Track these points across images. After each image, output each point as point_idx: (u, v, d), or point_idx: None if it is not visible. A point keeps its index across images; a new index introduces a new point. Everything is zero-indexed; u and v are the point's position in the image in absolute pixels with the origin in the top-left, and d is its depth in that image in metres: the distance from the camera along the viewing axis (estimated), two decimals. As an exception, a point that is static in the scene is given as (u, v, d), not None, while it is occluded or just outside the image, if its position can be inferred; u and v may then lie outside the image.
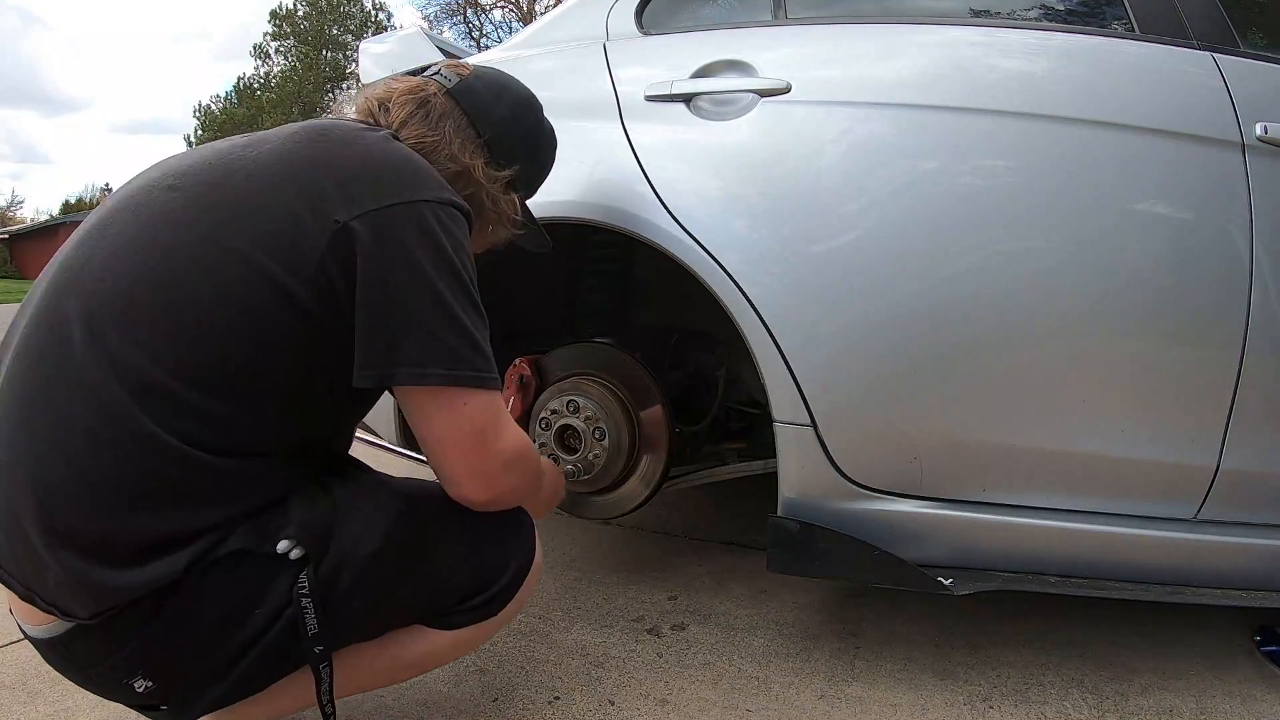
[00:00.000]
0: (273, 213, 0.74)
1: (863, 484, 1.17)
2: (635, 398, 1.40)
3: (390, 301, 0.75)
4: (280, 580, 0.75)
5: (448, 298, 0.77)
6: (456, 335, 0.77)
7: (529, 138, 1.00)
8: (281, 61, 30.29)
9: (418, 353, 0.75)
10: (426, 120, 0.89)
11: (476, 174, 0.90)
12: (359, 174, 0.78)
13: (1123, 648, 1.32)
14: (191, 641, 0.74)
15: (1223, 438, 1.12)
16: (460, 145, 0.90)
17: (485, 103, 0.94)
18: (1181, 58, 1.14)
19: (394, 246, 0.75)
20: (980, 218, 1.12)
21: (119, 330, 0.70)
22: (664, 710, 1.12)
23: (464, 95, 0.92)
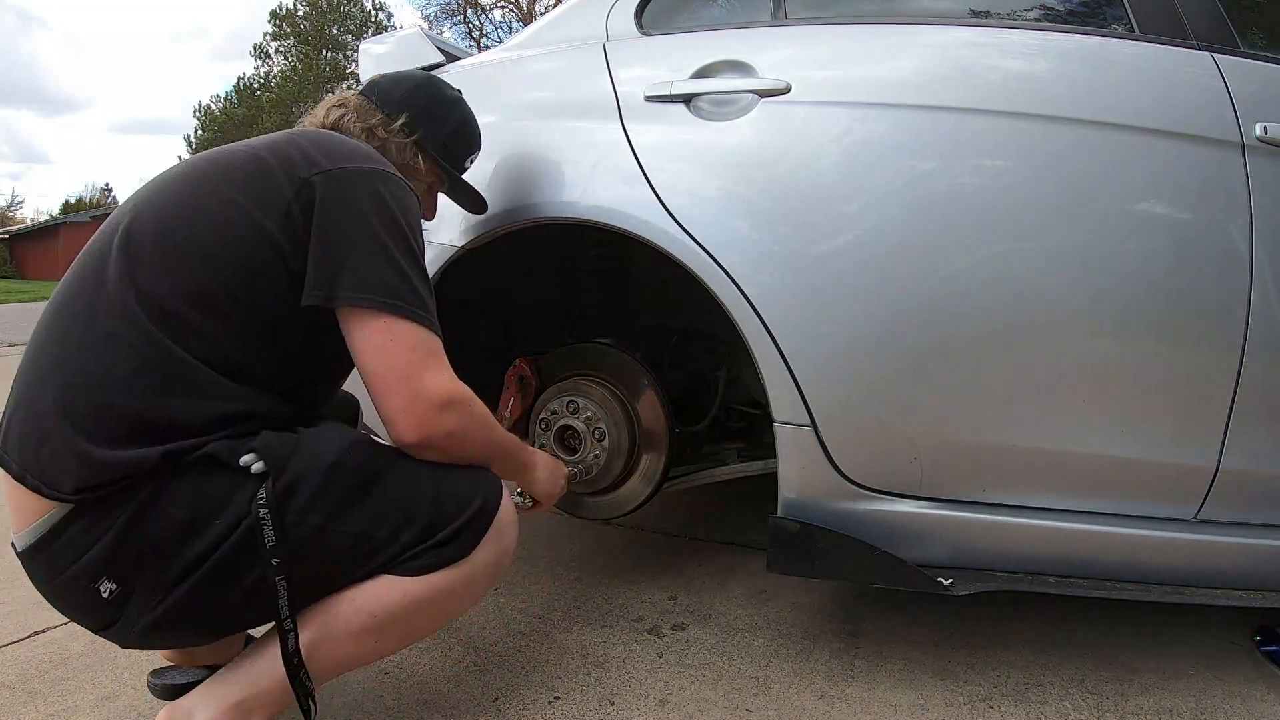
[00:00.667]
0: (254, 170, 0.91)
1: (863, 484, 1.17)
2: (635, 398, 1.40)
3: (340, 238, 0.88)
4: (242, 492, 0.82)
5: (389, 244, 0.89)
6: (395, 274, 0.88)
7: (428, 105, 1.14)
8: (281, 61, 30.28)
9: (357, 278, 0.87)
10: (343, 109, 1.10)
11: (379, 131, 1.09)
12: (322, 148, 0.94)
13: (1123, 648, 1.32)
14: (157, 540, 0.81)
15: (1223, 438, 1.12)
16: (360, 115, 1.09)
17: (384, 88, 1.14)
18: (1181, 58, 1.14)
19: (346, 197, 0.90)
20: (980, 218, 1.12)
21: (143, 258, 0.86)
22: (664, 710, 1.12)
23: (369, 88, 1.15)
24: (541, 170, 1.29)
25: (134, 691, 1.16)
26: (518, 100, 1.41)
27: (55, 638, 1.33)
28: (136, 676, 1.20)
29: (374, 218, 0.89)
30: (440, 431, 0.90)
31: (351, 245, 0.88)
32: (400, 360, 0.87)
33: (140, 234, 0.88)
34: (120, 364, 0.82)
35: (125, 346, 0.82)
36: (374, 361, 0.87)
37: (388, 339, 0.87)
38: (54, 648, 1.30)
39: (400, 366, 0.87)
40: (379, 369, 0.87)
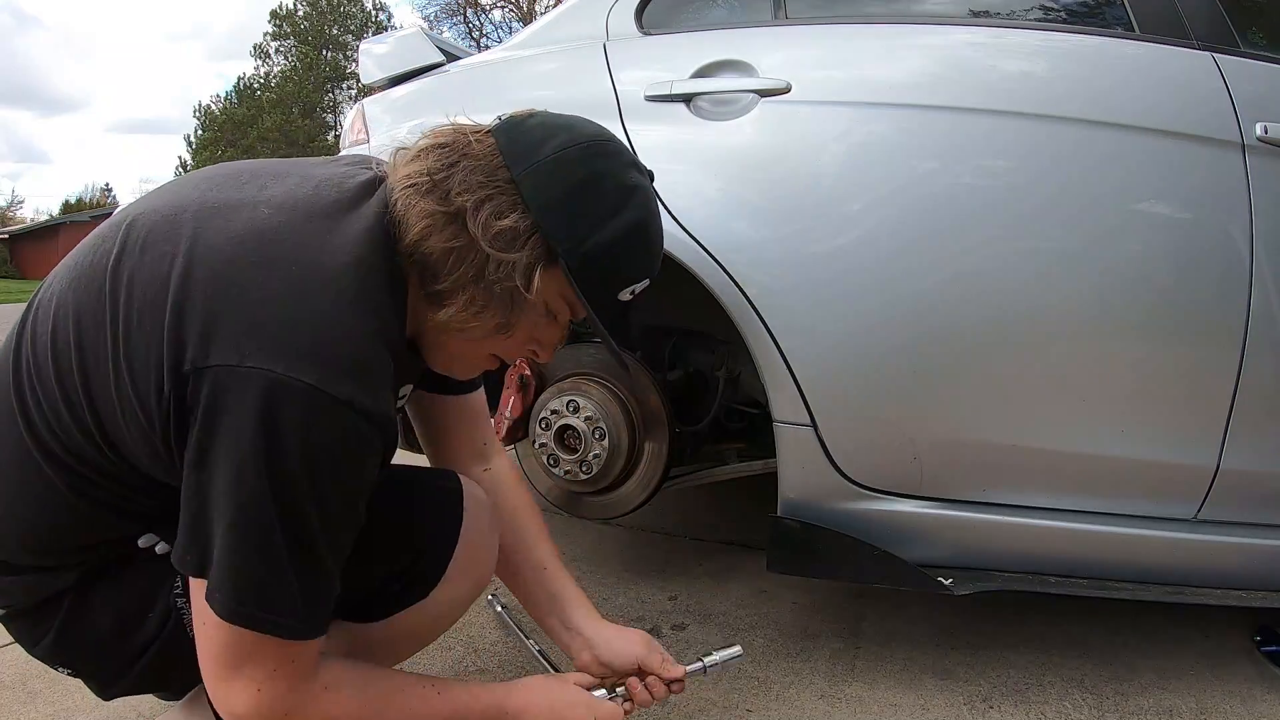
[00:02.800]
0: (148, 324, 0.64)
1: (863, 484, 1.17)
2: (635, 398, 1.40)
3: (213, 502, 0.62)
4: (166, 582, 0.76)
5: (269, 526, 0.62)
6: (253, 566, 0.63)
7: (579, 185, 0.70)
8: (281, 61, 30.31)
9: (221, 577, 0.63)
10: (442, 155, 0.69)
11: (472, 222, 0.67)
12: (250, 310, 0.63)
13: (1123, 648, 1.32)
14: (91, 644, 0.77)
15: (1223, 438, 1.12)
16: (465, 185, 0.67)
17: (532, 139, 0.70)
18: (1181, 58, 1.14)
19: (227, 428, 0.61)
20: (980, 218, 1.12)
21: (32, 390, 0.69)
22: (664, 710, 1.12)
23: (507, 129, 0.71)
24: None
25: (134, 691, 1.16)
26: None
27: (55, 637, 1.33)
28: (136, 676, 1.20)
29: (253, 479, 0.61)
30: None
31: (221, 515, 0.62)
32: (207, 654, 0.66)
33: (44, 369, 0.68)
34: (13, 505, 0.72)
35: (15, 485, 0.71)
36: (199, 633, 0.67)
37: (200, 623, 0.66)
38: (54, 647, 1.30)
39: (206, 662, 0.67)
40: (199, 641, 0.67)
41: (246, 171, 0.75)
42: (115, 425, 0.67)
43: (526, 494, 1.02)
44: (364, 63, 1.60)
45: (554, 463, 1.40)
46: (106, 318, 0.66)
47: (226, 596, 0.63)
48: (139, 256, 0.66)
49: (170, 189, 0.75)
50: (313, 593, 0.66)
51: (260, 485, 0.61)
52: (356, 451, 0.65)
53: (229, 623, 0.64)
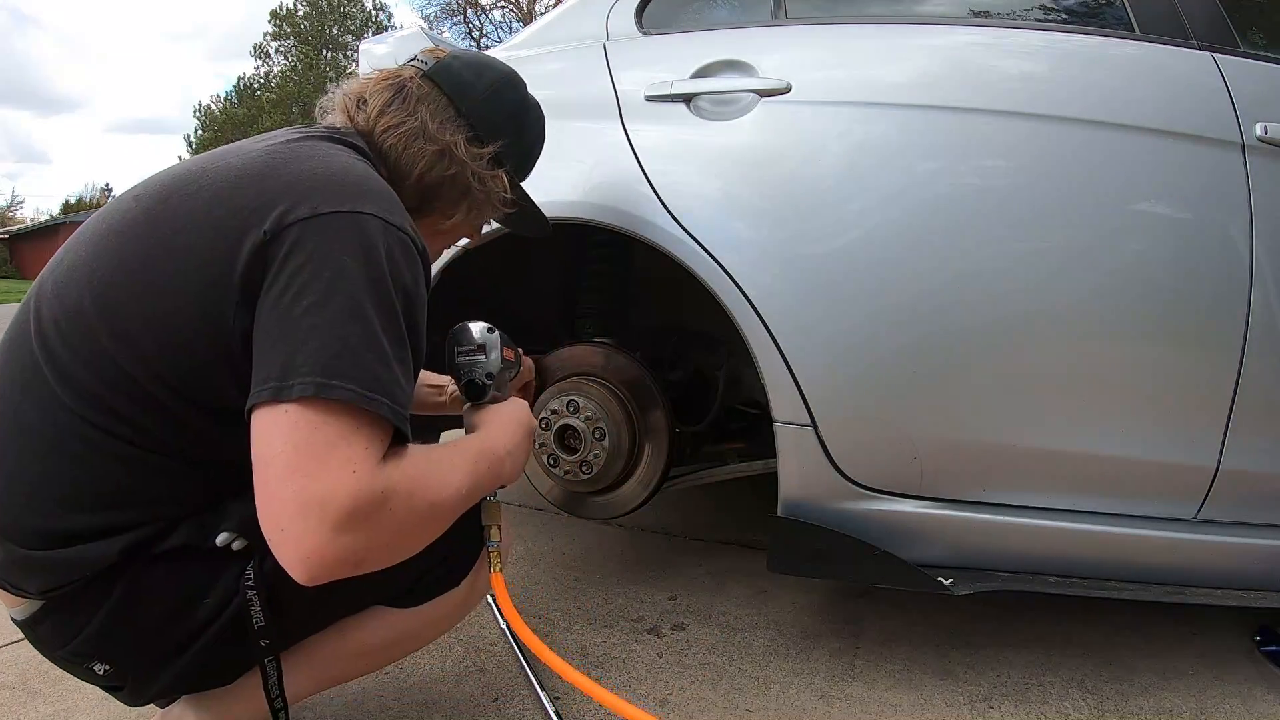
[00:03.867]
0: (208, 230, 0.71)
1: (863, 484, 1.17)
2: (635, 398, 1.40)
3: (304, 309, 0.66)
4: (228, 572, 0.76)
5: (368, 316, 0.67)
6: (349, 349, 0.66)
7: (512, 114, 0.96)
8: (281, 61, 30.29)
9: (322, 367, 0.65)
10: (404, 106, 0.87)
11: (459, 152, 0.87)
12: (304, 183, 0.72)
13: (1123, 648, 1.32)
14: (141, 631, 0.76)
15: (1223, 438, 1.12)
16: (439, 125, 0.87)
17: (464, 80, 0.91)
18: (1181, 58, 1.14)
19: (317, 254, 0.67)
20: (980, 218, 1.12)
21: (65, 341, 0.72)
22: (664, 710, 1.12)
23: (441, 75, 0.90)
24: (542, 170, 1.29)
25: (134, 691, 1.16)
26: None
27: (55, 637, 1.33)
28: (136, 676, 1.20)
29: (352, 281, 0.67)
30: (339, 562, 0.64)
31: (313, 326, 0.66)
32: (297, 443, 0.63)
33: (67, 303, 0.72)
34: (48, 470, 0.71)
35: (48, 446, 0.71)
36: (257, 449, 0.65)
37: (281, 414, 0.64)
38: (54, 647, 1.30)
39: (292, 452, 0.63)
40: (258, 456, 0.65)
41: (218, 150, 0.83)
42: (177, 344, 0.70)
43: None
44: (364, 63, 1.59)
45: (554, 463, 1.40)
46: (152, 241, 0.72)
47: (319, 377, 0.64)
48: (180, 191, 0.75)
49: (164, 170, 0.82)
50: (402, 381, 0.70)
51: (355, 284, 0.67)
52: (418, 270, 0.76)
53: (326, 400, 0.64)
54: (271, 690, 0.81)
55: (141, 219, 0.74)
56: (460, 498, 0.76)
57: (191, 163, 0.80)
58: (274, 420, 0.64)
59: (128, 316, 0.70)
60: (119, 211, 0.77)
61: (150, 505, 0.74)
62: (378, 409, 0.66)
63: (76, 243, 0.78)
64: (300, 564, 0.63)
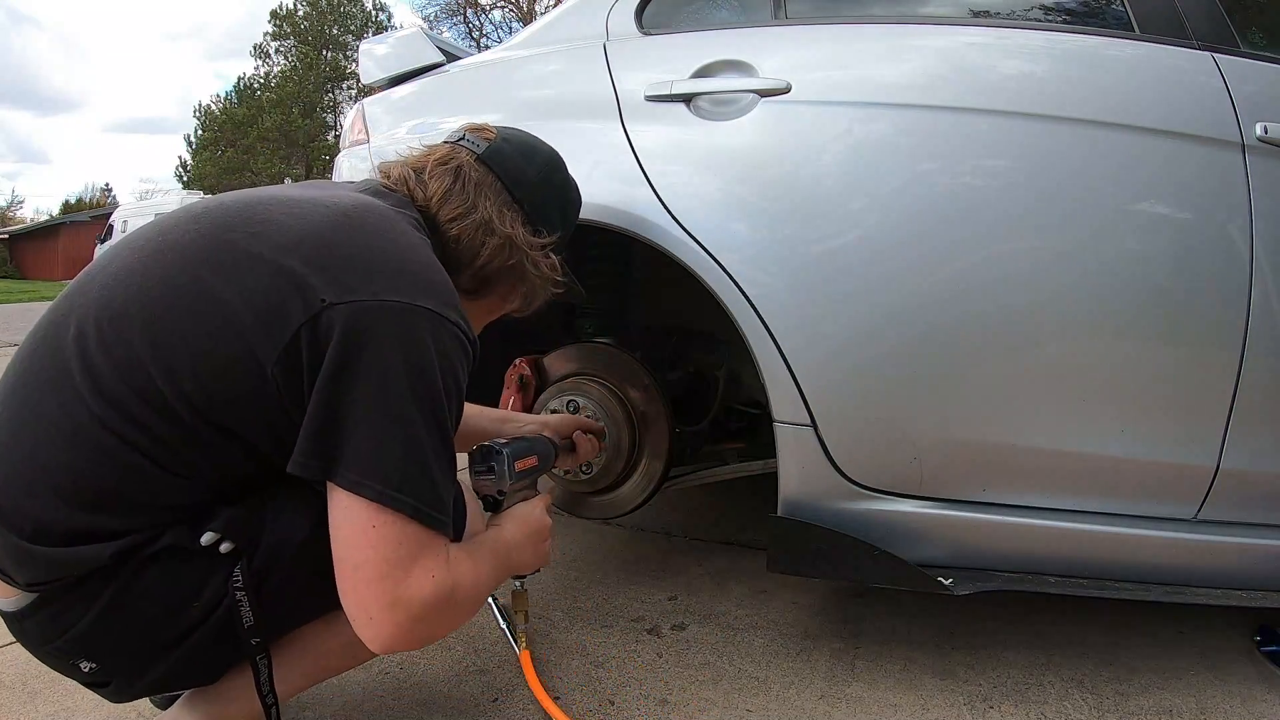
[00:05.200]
0: (267, 274, 0.74)
1: (863, 484, 1.17)
2: (635, 398, 1.40)
3: (350, 404, 0.72)
4: (216, 574, 0.77)
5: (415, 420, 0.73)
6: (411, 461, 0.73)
7: (561, 199, 1.01)
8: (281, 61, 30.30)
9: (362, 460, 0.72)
10: (463, 192, 0.90)
11: (518, 241, 0.91)
12: (367, 263, 0.76)
13: (1123, 648, 1.32)
14: (130, 632, 0.77)
15: (1223, 438, 1.12)
16: (499, 214, 0.91)
17: (517, 166, 0.95)
18: (1181, 58, 1.14)
19: (373, 351, 0.72)
20: (980, 218, 1.12)
21: (102, 342, 0.73)
22: (664, 710, 1.12)
23: (495, 160, 0.93)
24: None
25: (134, 691, 1.16)
26: (518, 100, 1.41)
27: (55, 637, 1.33)
28: (136, 676, 1.20)
29: (404, 383, 0.72)
30: (416, 640, 0.77)
31: (365, 417, 0.72)
32: (381, 554, 0.72)
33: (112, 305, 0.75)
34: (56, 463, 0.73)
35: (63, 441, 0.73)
36: (350, 545, 0.73)
37: (369, 528, 0.72)
38: (54, 647, 1.30)
39: (379, 561, 0.72)
40: (352, 557, 0.73)
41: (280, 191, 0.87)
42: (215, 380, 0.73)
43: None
44: (364, 63, 1.60)
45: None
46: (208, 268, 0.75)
47: (402, 495, 0.72)
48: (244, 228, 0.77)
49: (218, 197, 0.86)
50: (447, 491, 0.77)
51: (409, 388, 0.73)
52: (464, 362, 0.79)
53: (408, 518, 0.73)
54: (263, 687, 0.82)
55: (202, 243, 0.77)
56: (492, 583, 0.89)
57: (258, 195, 0.83)
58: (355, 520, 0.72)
59: (170, 331, 0.73)
60: (179, 228, 0.79)
61: (149, 513, 0.75)
62: (439, 528, 0.76)
63: (129, 249, 0.80)
64: (381, 645, 0.75)
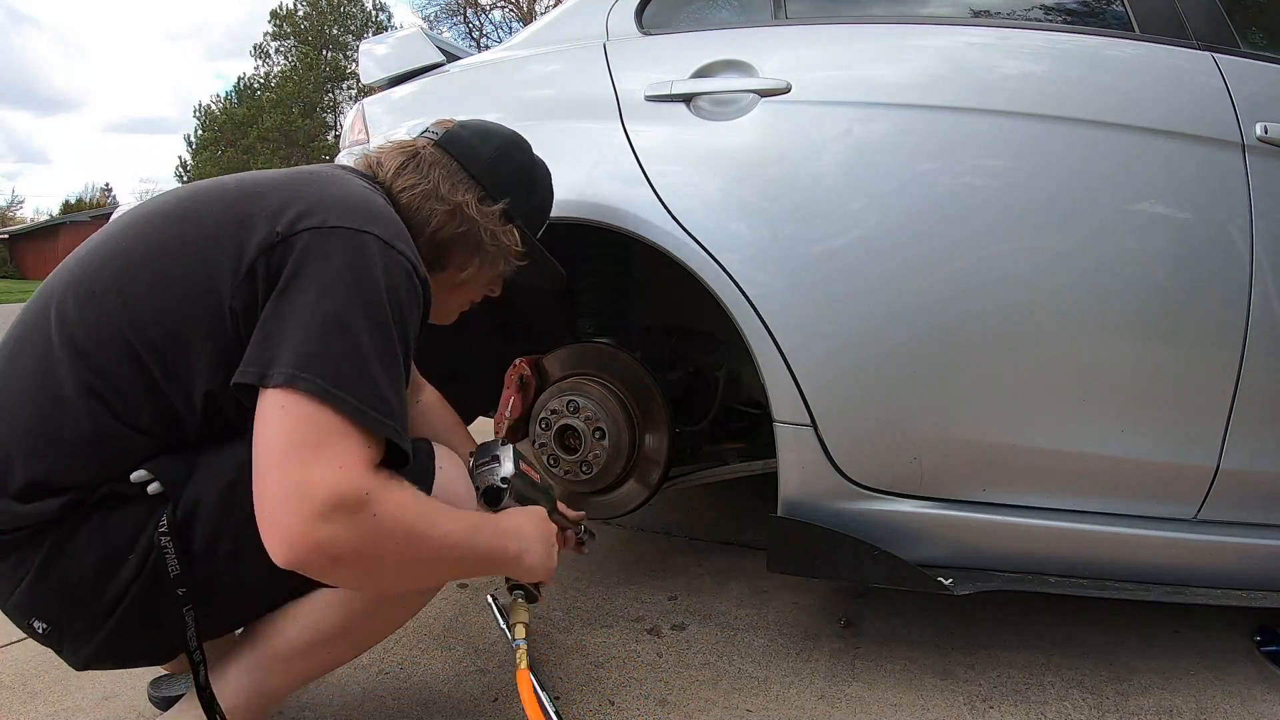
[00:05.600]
0: (230, 220, 0.79)
1: (863, 484, 1.17)
2: (635, 398, 1.40)
3: (294, 310, 0.73)
4: (149, 524, 0.77)
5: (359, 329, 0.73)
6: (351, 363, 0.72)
7: (519, 172, 1.03)
8: (281, 61, 30.30)
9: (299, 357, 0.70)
10: (418, 169, 0.95)
11: (469, 210, 0.95)
12: (322, 201, 0.80)
13: (1123, 648, 1.32)
14: (72, 584, 0.77)
15: (1223, 438, 1.12)
16: (450, 186, 0.95)
17: (471, 145, 0.99)
18: (1181, 58, 1.14)
19: (321, 264, 0.75)
20: (980, 217, 1.12)
21: (78, 301, 0.78)
22: (664, 710, 1.12)
23: (451, 142, 0.98)
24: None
25: (134, 692, 1.16)
26: (518, 100, 1.41)
27: (55, 637, 1.33)
28: (136, 677, 1.20)
29: (348, 290, 0.74)
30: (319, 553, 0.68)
31: (306, 321, 0.72)
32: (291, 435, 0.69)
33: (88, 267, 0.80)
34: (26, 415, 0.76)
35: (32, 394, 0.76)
36: (261, 431, 0.70)
37: (288, 410, 0.69)
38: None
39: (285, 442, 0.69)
40: (259, 442, 0.70)
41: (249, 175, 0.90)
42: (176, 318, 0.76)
43: (453, 414, 1.24)
44: (364, 63, 1.60)
45: (554, 463, 1.40)
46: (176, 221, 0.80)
47: (318, 378, 0.70)
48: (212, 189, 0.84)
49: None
50: (391, 395, 0.74)
51: (349, 294, 0.74)
52: (413, 295, 0.81)
53: (320, 401, 0.69)
54: (190, 642, 0.79)
55: (172, 205, 0.83)
56: (446, 547, 0.80)
57: (230, 175, 0.89)
58: (274, 408, 0.70)
59: (138, 281, 0.77)
60: (153, 202, 0.86)
61: (103, 469, 0.77)
62: (364, 421, 0.71)
63: (109, 226, 0.86)
64: (280, 544, 0.68)
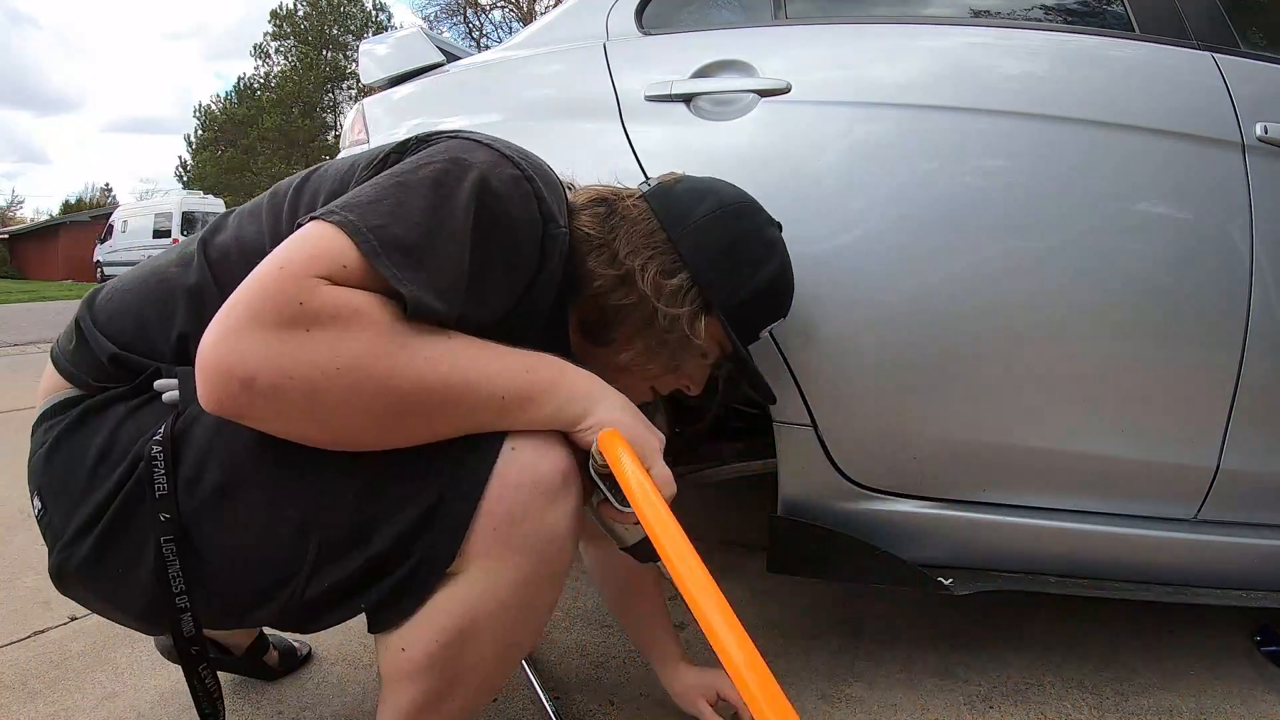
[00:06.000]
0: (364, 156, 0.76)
1: (863, 484, 1.17)
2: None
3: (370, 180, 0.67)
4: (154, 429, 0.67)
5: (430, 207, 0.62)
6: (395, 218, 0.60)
7: (730, 246, 0.81)
8: (281, 61, 30.30)
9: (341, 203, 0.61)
10: (604, 216, 0.79)
11: (641, 281, 0.77)
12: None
13: (1123, 648, 1.32)
14: (71, 464, 0.69)
15: (1223, 438, 1.12)
16: (631, 249, 0.77)
17: (681, 204, 0.81)
18: (1181, 58, 1.14)
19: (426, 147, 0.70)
20: (980, 217, 1.12)
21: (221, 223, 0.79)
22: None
23: (658, 194, 0.82)
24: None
25: (134, 691, 1.16)
26: (517, 100, 1.41)
27: (55, 638, 1.33)
28: (136, 677, 1.20)
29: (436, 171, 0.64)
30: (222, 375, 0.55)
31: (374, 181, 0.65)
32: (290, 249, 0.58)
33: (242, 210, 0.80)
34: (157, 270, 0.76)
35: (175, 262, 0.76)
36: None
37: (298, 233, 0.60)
38: (54, 648, 1.30)
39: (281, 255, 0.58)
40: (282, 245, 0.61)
41: None
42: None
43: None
44: (364, 63, 1.60)
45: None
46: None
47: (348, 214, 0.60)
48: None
49: None
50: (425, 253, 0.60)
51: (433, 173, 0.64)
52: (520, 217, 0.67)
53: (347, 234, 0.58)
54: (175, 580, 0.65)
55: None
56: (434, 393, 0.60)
57: None
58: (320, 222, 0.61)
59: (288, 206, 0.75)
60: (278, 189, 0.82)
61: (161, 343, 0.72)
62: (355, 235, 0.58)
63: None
64: (207, 348, 0.56)
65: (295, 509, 0.64)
